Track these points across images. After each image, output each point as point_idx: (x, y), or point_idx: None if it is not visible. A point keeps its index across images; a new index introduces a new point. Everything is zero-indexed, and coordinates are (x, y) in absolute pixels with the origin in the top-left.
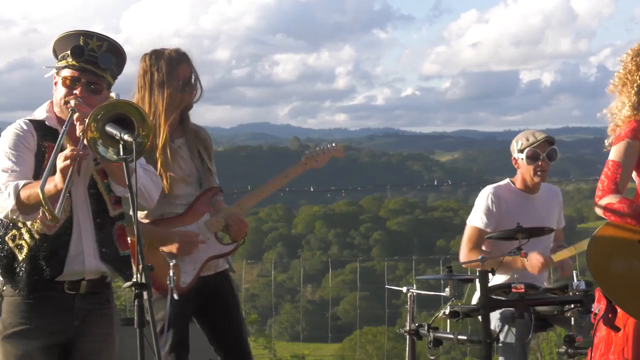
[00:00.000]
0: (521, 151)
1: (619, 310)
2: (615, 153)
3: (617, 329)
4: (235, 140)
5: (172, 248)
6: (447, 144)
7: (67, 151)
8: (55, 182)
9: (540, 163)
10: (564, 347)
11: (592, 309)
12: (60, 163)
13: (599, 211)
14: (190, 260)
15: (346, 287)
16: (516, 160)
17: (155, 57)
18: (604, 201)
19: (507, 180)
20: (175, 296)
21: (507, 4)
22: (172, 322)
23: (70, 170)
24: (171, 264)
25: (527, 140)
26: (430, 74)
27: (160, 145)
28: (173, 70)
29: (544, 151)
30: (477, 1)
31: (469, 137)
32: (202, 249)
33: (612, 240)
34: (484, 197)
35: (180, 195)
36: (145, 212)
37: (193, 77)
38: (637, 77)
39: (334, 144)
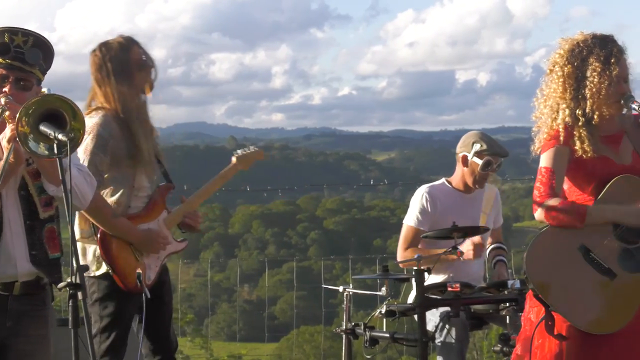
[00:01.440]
0: (478, 154)
1: (556, 317)
2: (546, 159)
3: (563, 338)
4: (171, 140)
5: (143, 246)
6: (383, 143)
7: (8, 132)
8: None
9: (488, 172)
10: (499, 345)
11: (523, 313)
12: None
13: (539, 217)
14: (153, 258)
15: (283, 287)
16: (465, 159)
17: (105, 48)
18: (545, 205)
19: (442, 179)
20: (148, 294)
21: (443, 4)
22: (119, 321)
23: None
24: (142, 262)
25: (491, 147)
26: (366, 73)
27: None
28: (126, 55)
29: (497, 162)
30: (414, 1)
31: (406, 136)
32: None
33: (552, 246)
34: (419, 197)
35: (144, 187)
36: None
37: (144, 57)
38: (562, 83)
39: (254, 147)
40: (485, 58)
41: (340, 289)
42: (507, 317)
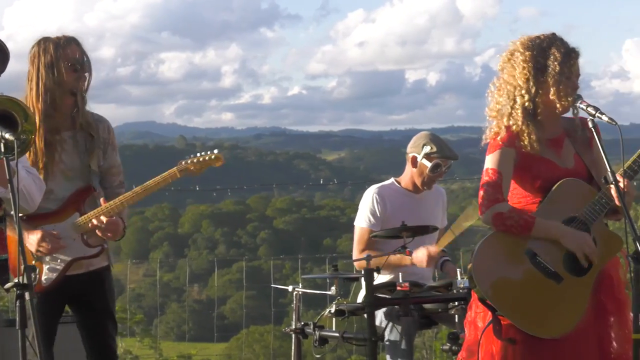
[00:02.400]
0: (428, 156)
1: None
2: (492, 161)
3: (512, 342)
4: (120, 139)
5: (32, 246)
6: (333, 143)
7: None
8: None
9: (437, 175)
10: (447, 344)
11: (466, 318)
12: None
13: (486, 221)
14: (54, 259)
15: (233, 287)
16: (414, 160)
17: (44, 41)
18: (493, 210)
19: (391, 179)
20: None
21: (393, 4)
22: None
23: None
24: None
25: (440, 150)
26: (316, 73)
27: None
28: (61, 50)
29: (446, 165)
30: (364, 1)
31: (356, 136)
32: (67, 248)
33: (499, 251)
34: (369, 198)
35: (55, 190)
36: None
37: (85, 59)
38: (510, 85)
39: (215, 151)
40: (434, 58)
41: (290, 288)
42: (456, 316)
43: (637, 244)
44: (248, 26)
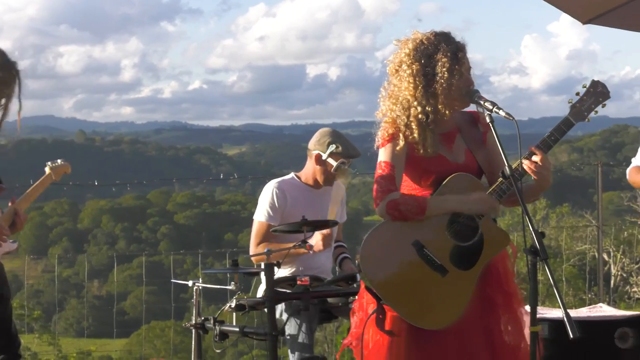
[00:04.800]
0: (333, 155)
1: (388, 312)
2: (385, 154)
3: (392, 334)
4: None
5: None
6: (234, 137)
7: None
8: None
9: (339, 173)
10: (349, 338)
11: (354, 306)
12: None
13: (380, 212)
14: None
15: (133, 282)
16: (319, 158)
17: None
18: (386, 199)
19: (292, 174)
20: None
21: None
22: None
23: None
24: None
25: (346, 149)
26: (217, 67)
27: None
28: None
29: (349, 163)
30: None
31: (257, 130)
32: None
33: (386, 241)
34: (269, 192)
35: None
36: None
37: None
38: (402, 96)
39: (62, 161)
40: (335, 53)
41: (190, 283)
42: None
43: (534, 238)
44: (149, 20)
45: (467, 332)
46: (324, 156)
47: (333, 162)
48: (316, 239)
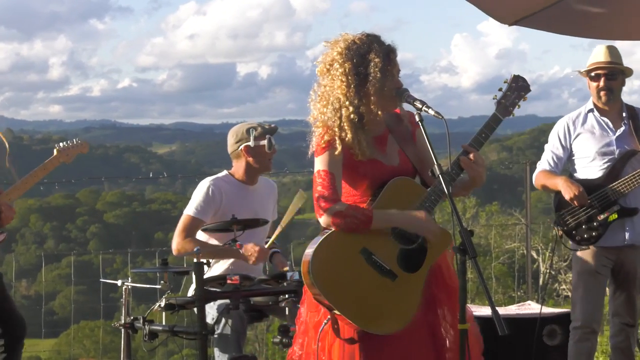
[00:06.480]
0: (259, 138)
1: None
2: (322, 163)
3: (353, 342)
4: None
5: None
6: (164, 136)
7: None
8: None
9: (272, 152)
10: (279, 336)
11: (298, 317)
12: None
13: (325, 223)
14: None
15: (62, 282)
16: (249, 148)
17: None
18: (331, 211)
19: (225, 172)
20: None
21: None
22: None
23: None
24: None
25: (263, 127)
26: (146, 65)
27: None
28: None
29: (269, 148)
30: None
31: (187, 129)
32: None
33: (335, 251)
34: (203, 188)
35: None
36: None
37: None
38: (333, 97)
39: (79, 140)
40: (266, 51)
41: (119, 282)
42: (287, 308)
43: (463, 236)
44: (78, 17)
45: (415, 332)
46: (252, 144)
47: (264, 142)
48: (251, 250)
